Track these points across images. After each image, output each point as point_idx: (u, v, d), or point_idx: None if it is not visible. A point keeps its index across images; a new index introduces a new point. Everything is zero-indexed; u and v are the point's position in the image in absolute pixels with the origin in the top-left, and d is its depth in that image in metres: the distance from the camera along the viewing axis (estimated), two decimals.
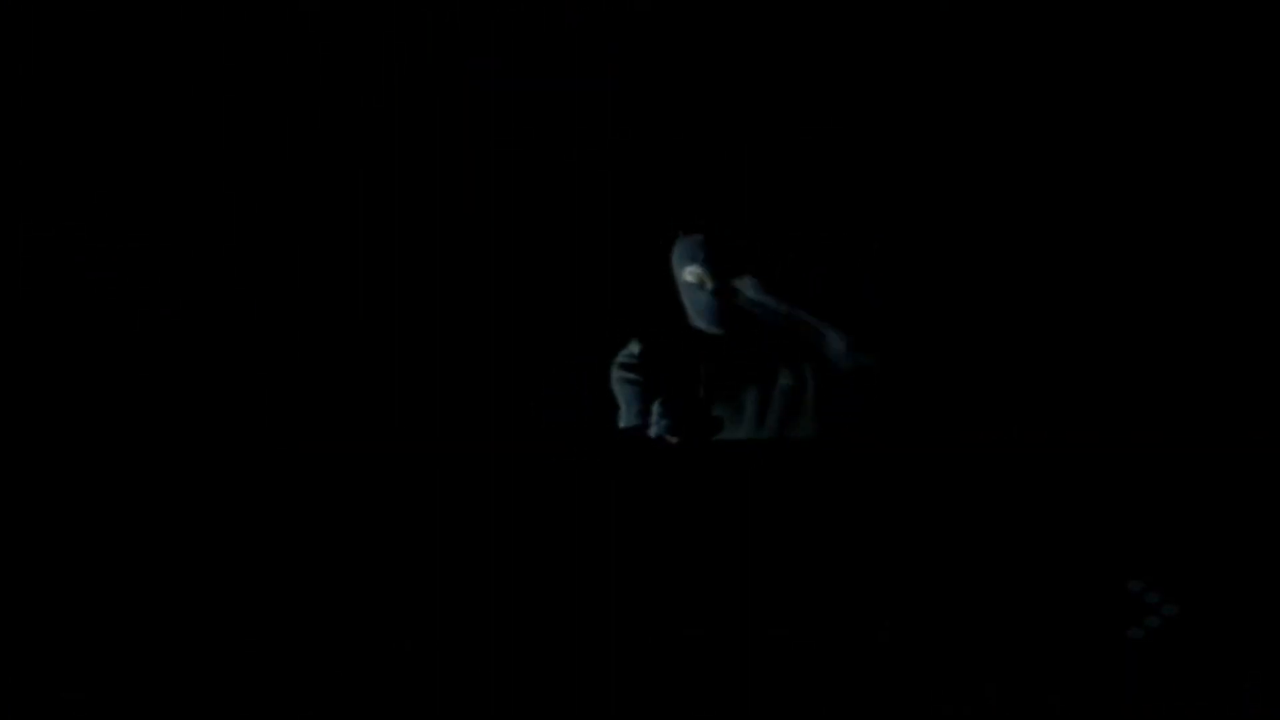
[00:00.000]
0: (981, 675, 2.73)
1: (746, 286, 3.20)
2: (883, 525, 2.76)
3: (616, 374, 3.31)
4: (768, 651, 2.74)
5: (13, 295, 3.82)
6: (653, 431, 3.04)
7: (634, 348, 3.30)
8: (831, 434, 3.18)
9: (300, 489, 2.84)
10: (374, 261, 3.93)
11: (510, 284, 3.95)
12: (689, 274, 3.25)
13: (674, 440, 3.01)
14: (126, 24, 3.87)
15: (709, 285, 3.22)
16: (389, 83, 3.92)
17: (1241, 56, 3.80)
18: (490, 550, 2.79)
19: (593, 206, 3.94)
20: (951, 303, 3.80)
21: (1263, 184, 3.81)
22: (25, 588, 2.83)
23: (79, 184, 3.88)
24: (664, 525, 2.78)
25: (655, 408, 3.04)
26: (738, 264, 3.19)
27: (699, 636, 2.75)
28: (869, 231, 3.37)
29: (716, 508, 2.78)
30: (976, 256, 3.86)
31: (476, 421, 3.88)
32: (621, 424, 3.28)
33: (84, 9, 3.86)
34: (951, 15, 3.86)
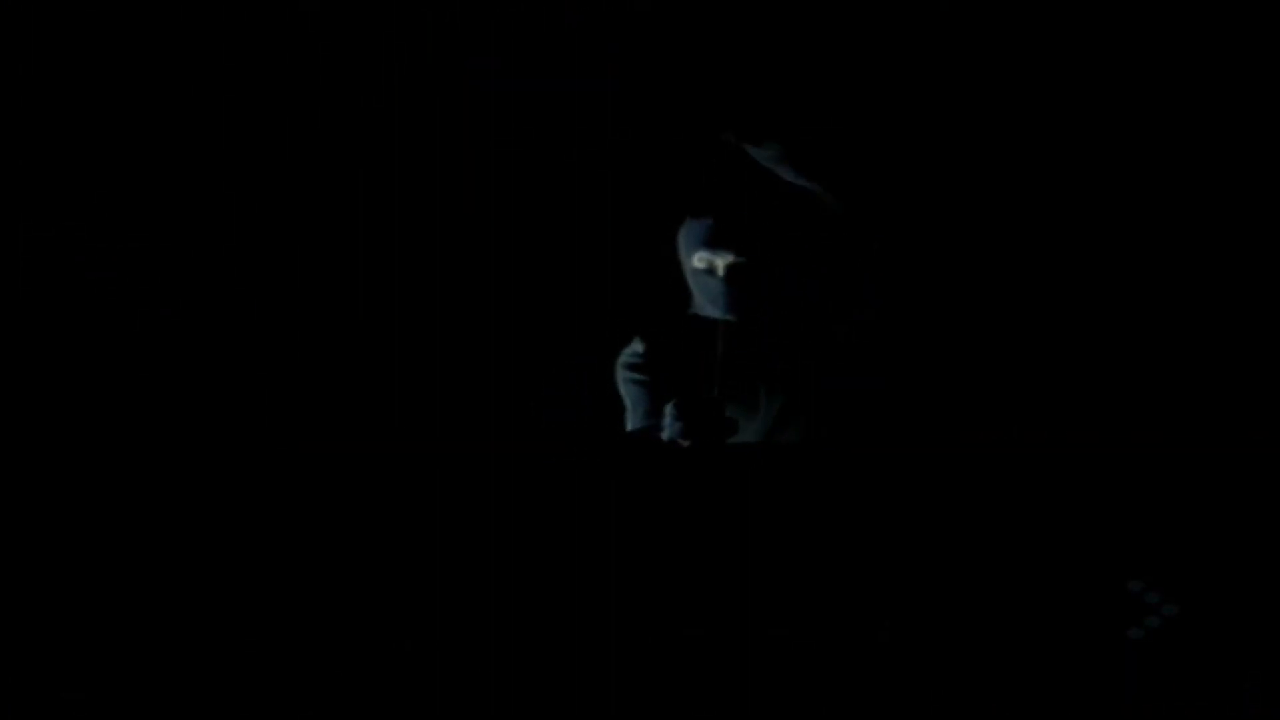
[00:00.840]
0: (981, 675, 2.72)
1: (765, 155, 3.14)
2: (882, 526, 2.76)
3: (622, 374, 3.28)
4: (768, 651, 2.74)
5: (13, 295, 3.82)
6: (666, 435, 3.00)
7: (638, 346, 3.27)
8: (831, 433, 3.17)
9: (300, 489, 2.84)
10: (374, 261, 3.93)
11: (510, 284, 3.95)
12: (698, 260, 3.20)
13: (686, 444, 2.96)
14: (126, 24, 3.87)
15: (720, 271, 3.17)
16: (389, 83, 3.92)
17: (1241, 56, 3.80)
18: (490, 550, 2.79)
19: (593, 206, 3.93)
20: (951, 303, 3.80)
21: (1263, 184, 3.81)
22: (25, 588, 2.83)
23: (79, 184, 3.88)
24: (664, 525, 2.78)
25: (669, 410, 2.99)
26: (762, 130, 3.13)
27: (699, 636, 2.75)
28: (869, 231, 3.37)
29: (716, 507, 2.78)
30: (976, 256, 3.86)
31: (476, 421, 3.88)
32: (630, 426, 3.25)
33: (84, 9, 3.86)
34: (952, 15, 3.86)
